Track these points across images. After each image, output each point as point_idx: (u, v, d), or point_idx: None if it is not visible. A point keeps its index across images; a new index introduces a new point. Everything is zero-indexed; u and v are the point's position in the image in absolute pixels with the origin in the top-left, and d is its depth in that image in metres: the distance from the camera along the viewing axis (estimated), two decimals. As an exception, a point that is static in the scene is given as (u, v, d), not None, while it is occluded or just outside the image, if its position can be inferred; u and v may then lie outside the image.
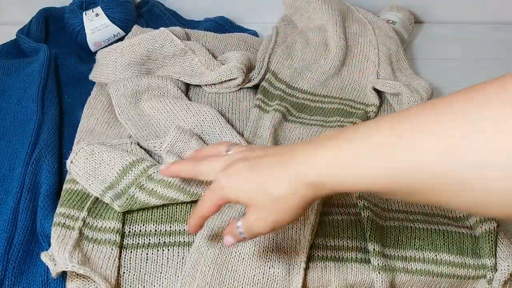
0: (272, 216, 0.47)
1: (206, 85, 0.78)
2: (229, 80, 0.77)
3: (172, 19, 0.97)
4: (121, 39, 0.88)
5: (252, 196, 0.47)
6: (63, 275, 0.56)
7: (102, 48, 0.80)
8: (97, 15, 0.87)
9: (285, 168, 0.45)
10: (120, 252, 0.59)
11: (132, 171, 0.62)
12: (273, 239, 0.60)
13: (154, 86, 0.75)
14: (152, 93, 0.74)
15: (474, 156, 0.35)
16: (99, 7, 0.88)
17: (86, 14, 0.87)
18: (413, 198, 0.42)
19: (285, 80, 0.80)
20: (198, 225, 0.54)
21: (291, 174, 0.45)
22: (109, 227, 0.60)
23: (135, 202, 0.60)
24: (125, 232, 0.61)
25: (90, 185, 0.62)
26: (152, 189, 0.60)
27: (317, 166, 0.44)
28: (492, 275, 0.59)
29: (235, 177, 0.48)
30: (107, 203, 0.62)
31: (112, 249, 0.58)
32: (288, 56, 0.83)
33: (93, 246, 0.59)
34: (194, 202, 0.63)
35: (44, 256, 0.56)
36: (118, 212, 0.61)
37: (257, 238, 0.59)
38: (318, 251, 0.60)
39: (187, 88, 0.79)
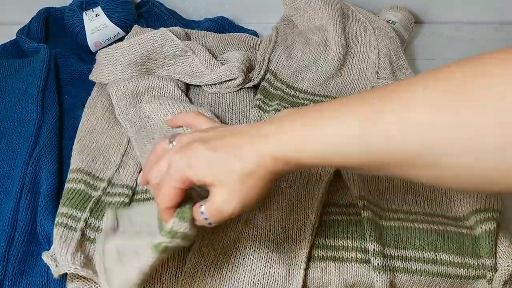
0: (239, 196, 0.44)
1: (206, 85, 0.78)
2: (229, 80, 0.77)
3: (172, 19, 0.97)
4: (121, 39, 0.88)
5: (216, 174, 0.44)
6: (64, 275, 0.56)
7: (102, 48, 0.80)
8: (97, 15, 0.87)
9: (250, 144, 0.44)
10: (120, 252, 0.59)
11: None
12: (273, 239, 0.60)
13: (155, 86, 0.75)
14: (153, 94, 0.74)
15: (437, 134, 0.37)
16: (99, 7, 0.88)
17: (86, 14, 0.87)
18: (380, 173, 0.43)
19: (285, 80, 0.80)
20: (170, 215, 0.47)
21: (257, 149, 0.43)
22: (110, 227, 0.60)
23: None
24: (125, 232, 0.61)
25: None
26: None
27: (283, 141, 0.43)
28: (492, 275, 0.59)
29: (195, 157, 0.45)
30: (109, 203, 0.62)
31: None
32: (288, 56, 0.83)
33: (95, 247, 0.59)
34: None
35: (46, 257, 0.56)
36: None
37: (257, 238, 0.59)
38: (318, 251, 0.60)
39: (187, 88, 0.79)
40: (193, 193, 0.49)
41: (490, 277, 0.59)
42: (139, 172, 0.67)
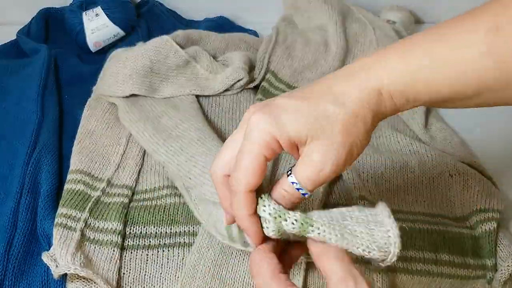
0: (344, 150, 0.36)
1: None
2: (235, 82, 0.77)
3: (172, 19, 0.97)
4: (121, 39, 0.88)
5: (313, 126, 0.35)
6: (64, 275, 0.56)
7: (102, 48, 0.80)
8: (97, 15, 0.87)
9: (346, 82, 0.37)
10: (121, 253, 0.59)
11: None
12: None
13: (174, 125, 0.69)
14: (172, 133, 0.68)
15: None
16: (99, 7, 0.88)
17: (86, 14, 0.87)
18: (471, 102, 0.38)
19: (285, 80, 0.80)
20: (251, 204, 0.38)
21: (358, 84, 0.36)
22: (111, 228, 0.60)
23: None
24: (126, 233, 0.61)
25: None
26: None
27: (389, 70, 0.36)
28: (492, 275, 0.59)
29: (281, 110, 0.36)
30: (108, 204, 0.62)
31: (113, 251, 0.59)
32: (288, 56, 0.83)
33: (94, 247, 0.59)
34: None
35: (45, 257, 0.56)
36: (120, 213, 0.61)
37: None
38: (318, 251, 0.60)
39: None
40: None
41: (490, 277, 0.59)
42: (139, 172, 0.67)
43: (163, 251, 0.60)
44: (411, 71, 0.37)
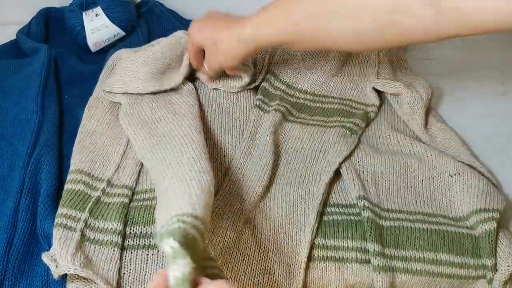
0: (219, 57, 0.69)
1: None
2: (236, 80, 0.77)
3: (172, 19, 0.97)
4: (121, 39, 0.88)
5: (207, 43, 0.70)
6: (64, 275, 0.56)
7: (102, 48, 0.80)
8: (97, 15, 0.87)
9: (229, 31, 0.68)
10: (121, 253, 0.59)
11: None
12: (274, 240, 0.60)
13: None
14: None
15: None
16: (99, 7, 0.88)
17: (86, 14, 0.87)
18: (299, 46, 0.72)
19: (285, 81, 0.80)
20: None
21: (233, 34, 0.67)
22: (111, 228, 0.60)
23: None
24: (126, 233, 0.61)
25: None
26: None
27: (248, 29, 0.66)
28: (492, 275, 0.59)
29: (201, 26, 0.71)
30: (108, 204, 0.62)
31: (114, 251, 0.59)
32: (288, 56, 0.83)
33: (95, 247, 0.59)
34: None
35: (45, 257, 0.56)
36: (120, 213, 0.61)
37: (257, 238, 0.59)
38: (318, 251, 0.60)
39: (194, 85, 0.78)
40: None
41: (490, 277, 0.59)
42: (139, 173, 0.67)
43: (163, 251, 0.60)
44: (262, 27, 0.67)
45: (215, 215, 0.61)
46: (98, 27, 0.87)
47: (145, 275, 0.58)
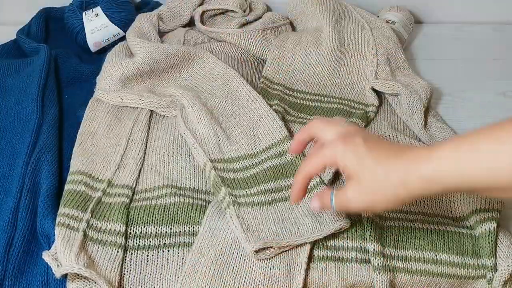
0: (370, 196, 0.48)
1: (205, 26, 0.87)
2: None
3: (172, 19, 0.97)
4: (121, 39, 0.88)
5: (359, 170, 0.49)
6: (64, 275, 0.56)
7: (101, 48, 0.80)
8: (97, 15, 0.87)
9: (400, 160, 0.48)
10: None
11: None
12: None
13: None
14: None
15: None
16: (99, 7, 0.88)
17: (86, 14, 0.87)
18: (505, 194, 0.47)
19: (280, 83, 0.80)
20: (304, 184, 0.53)
21: (405, 166, 0.47)
22: (114, 229, 0.60)
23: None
24: (127, 233, 0.61)
25: None
26: None
27: (433, 162, 0.46)
28: (492, 275, 0.59)
29: (351, 148, 0.49)
30: (110, 204, 0.62)
31: (117, 251, 0.58)
32: (279, 58, 0.83)
33: (97, 247, 0.59)
34: (195, 205, 0.63)
35: (46, 256, 0.56)
36: (121, 213, 0.61)
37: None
38: (318, 251, 0.60)
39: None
40: None
41: (490, 277, 0.59)
42: (139, 173, 0.67)
43: (163, 251, 0.60)
44: (454, 165, 0.46)
45: (215, 215, 0.61)
46: (98, 27, 0.87)
47: (145, 275, 0.58)
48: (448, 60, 0.91)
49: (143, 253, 0.59)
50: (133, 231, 0.61)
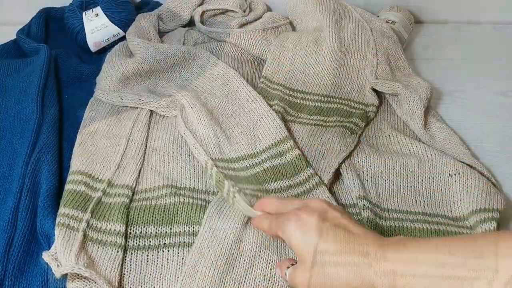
0: (315, 279, 0.49)
1: (205, 26, 0.88)
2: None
3: (172, 19, 0.97)
4: (121, 39, 0.88)
5: (306, 256, 0.49)
6: (64, 275, 0.56)
7: (101, 48, 0.80)
8: (97, 15, 0.87)
9: (351, 257, 0.48)
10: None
11: None
12: (274, 241, 0.60)
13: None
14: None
15: None
16: (99, 7, 0.88)
17: (86, 14, 0.87)
18: None
19: (280, 83, 0.80)
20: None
21: (354, 264, 0.48)
22: (114, 230, 0.60)
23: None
24: (127, 234, 0.61)
25: None
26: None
27: (382, 269, 0.47)
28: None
29: (302, 228, 0.50)
30: (110, 204, 0.62)
31: (117, 252, 0.58)
32: (279, 58, 0.83)
33: (97, 248, 0.59)
34: (195, 205, 0.63)
35: (46, 256, 0.56)
36: (122, 213, 0.61)
37: (257, 240, 0.59)
38: (318, 251, 0.60)
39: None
40: None
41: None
42: (139, 173, 0.67)
43: (163, 251, 0.60)
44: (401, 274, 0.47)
45: (215, 215, 0.61)
46: (98, 27, 0.87)
47: (145, 275, 0.58)
48: (448, 60, 0.91)
49: (143, 253, 0.59)
50: (133, 231, 0.61)
